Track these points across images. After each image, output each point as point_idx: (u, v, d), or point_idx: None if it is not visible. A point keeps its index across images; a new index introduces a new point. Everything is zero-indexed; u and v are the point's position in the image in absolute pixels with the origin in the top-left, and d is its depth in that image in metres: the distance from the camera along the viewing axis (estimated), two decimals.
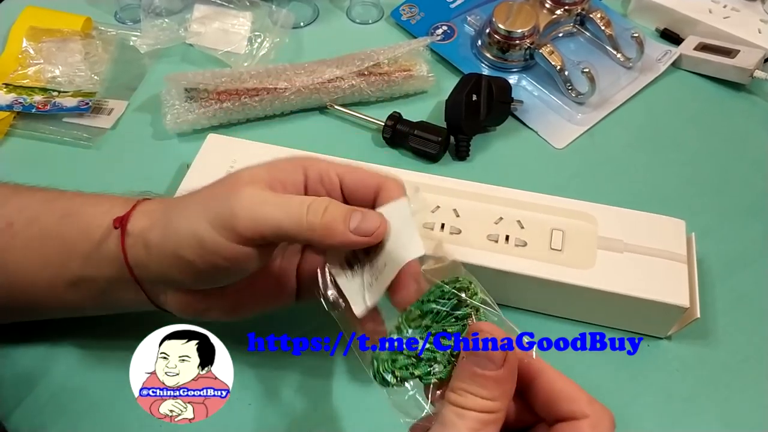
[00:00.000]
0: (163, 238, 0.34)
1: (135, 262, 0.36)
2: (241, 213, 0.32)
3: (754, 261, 0.51)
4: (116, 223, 0.36)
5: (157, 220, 0.35)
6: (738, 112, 0.62)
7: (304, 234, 0.32)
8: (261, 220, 0.32)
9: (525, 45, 0.62)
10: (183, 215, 0.34)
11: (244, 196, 0.33)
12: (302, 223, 0.32)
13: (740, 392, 0.44)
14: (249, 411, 0.42)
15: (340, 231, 0.32)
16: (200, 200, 0.35)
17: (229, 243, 0.33)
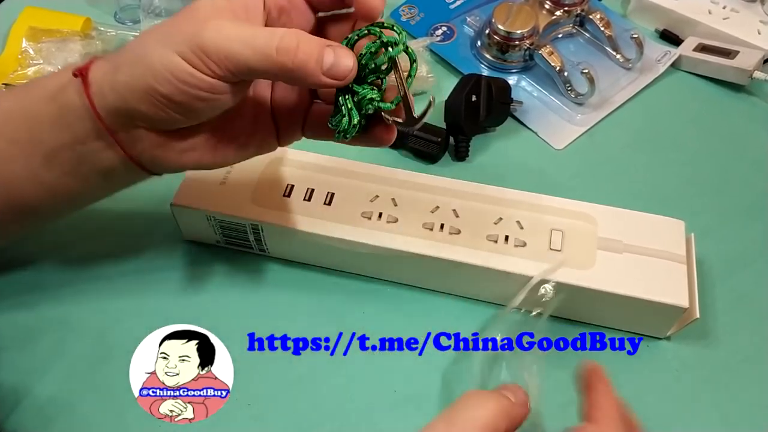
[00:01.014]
0: (132, 75, 0.33)
1: (103, 108, 0.34)
2: (210, 48, 0.31)
3: (754, 261, 0.51)
4: (75, 72, 0.34)
5: (121, 62, 0.34)
6: (737, 112, 0.62)
7: (276, 73, 0.32)
8: (231, 57, 0.31)
9: (524, 46, 0.62)
10: (151, 51, 0.32)
11: (210, 30, 0.31)
12: (273, 62, 0.31)
13: (740, 392, 0.44)
14: (249, 411, 0.42)
15: (312, 73, 0.32)
16: (164, 36, 0.33)
17: (203, 75, 0.32)
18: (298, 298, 0.48)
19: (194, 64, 0.31)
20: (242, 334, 0.45)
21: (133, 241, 0.50)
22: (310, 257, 0.49)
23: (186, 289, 0.48)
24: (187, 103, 0.33)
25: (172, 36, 0.32)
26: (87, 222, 0.51)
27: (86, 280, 0.48)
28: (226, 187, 0.47)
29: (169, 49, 0.31)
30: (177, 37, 0.32)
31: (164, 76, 0.32)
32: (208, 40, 0.31)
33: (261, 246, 0.48)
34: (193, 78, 0.32)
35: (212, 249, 0.50)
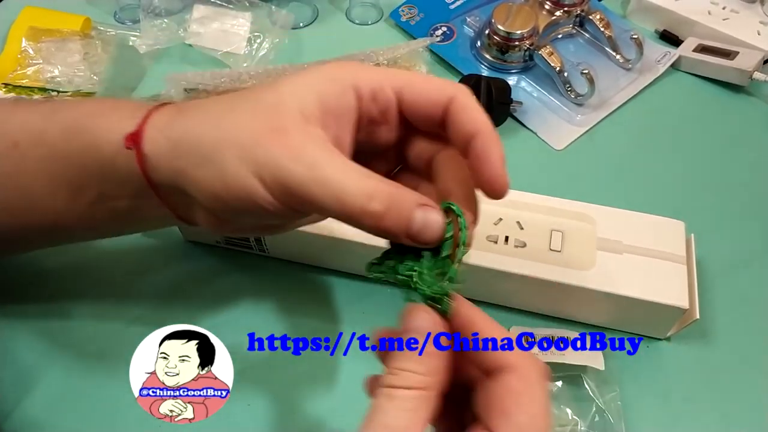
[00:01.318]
0: (198, 173, 0.31)
1: (159, 182, 0.32)
2: (296, 191, 0.28)
3: (754, 261, 0.51)
4: (128, 143, 0.32)
5: (187, 148, 0.31)
6: (737, 113, 0.62)
7: (356, 224, 0.29)
8: (314, 204, 0.29)
9: (524, 46, 0.62)
10: (226, 158, 0.30)
11: (299, 168, 0.28)
12: (356, 220, 0.29)
13: (740, 392, 0.44)
14: (249, 411, 0.42)
15: (394, 235, 0.29)
16: (243, 140, 0.30)
17: (280, 206, 0.30)
18: (298, 298, 0.48)
19: (273, 194, 0.29)
20: (242, 334, 0.45)
21: (133, 242, 0.50)
22: (310, 257, 0.49)
23: (186, 289, 0.48)
24: (252, 217, 0.31)
25: (253, 151, 0.29)
26: None
27: (86, 280, 0.48)
28: None
29: (249, 167, 0.29)
30: (260, 154, 0.29)
31: (236, 193, 0.30)
32: (295, 179, 0.28)
33: (261, 246, 0.48)
34: (268, 205, 0.30)
35: (212, 249, 0.50)
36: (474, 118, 0.31)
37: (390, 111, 0.32)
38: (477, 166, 0.30)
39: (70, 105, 0.36)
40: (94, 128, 0.34)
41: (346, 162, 0.29)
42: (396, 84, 0.31)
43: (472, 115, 0.31)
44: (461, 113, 0.31)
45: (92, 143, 0.34)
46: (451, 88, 0.31)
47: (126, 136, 0.32)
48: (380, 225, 0.28)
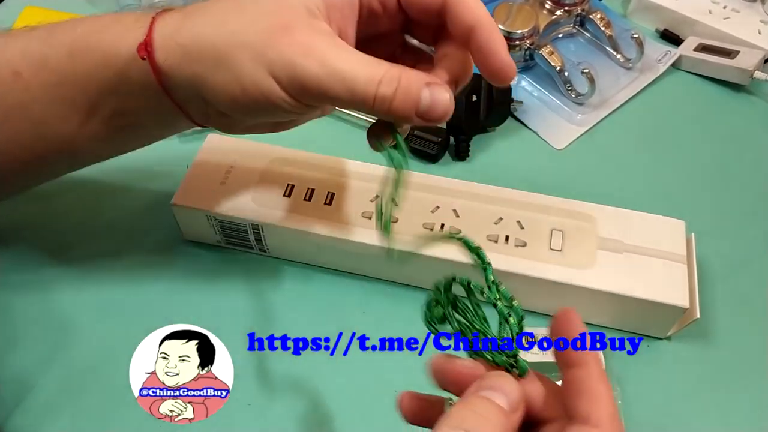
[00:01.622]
0: (214, 77, 0.31)
1: (172, 87, 0.33)
2: (311, 85, 0.30)
3: (754, 261, 0.51)
4: (141, 53, 0.32)
5: (200, 52, 0.31)
6: (738, 112, 0.62)
7: (368, 109, 0.31)
8: (329, 95, 0.30)
9: (525, 45, 0.62)
10: (240, 61, 0.31)
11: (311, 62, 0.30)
12: (369, 106, 0.30)
13: (740, 392, 0.44)
14: (249, 411, 0.42)
15: (406, 116, 0.31)
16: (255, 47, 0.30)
17: (297, 103, 0.31)
18: (298, 298, 0.48)
19: (289, 92, 0.31)
20: (242, 334, 0.45)
21: (133, 241, 0.50)
22: (310, 257, 0.49)
23: (186, 289, 0.48)
24: (268, 115, 0.33)
25: (265, 52, 0.30)
26: (88, 222, 0.51)
27: (87, 280, 0.48)
28: (226, 187, 0.47)
29: (263, 68, 0.30)
30: (273, 55, 0.30)
31: (254, 95, 0.31)
32: (309, 74, 0.30)
33: (261, 246, 0.48)
34: (284, 103, 0.31)
35: (212, 249, 0.50)
36: (472, 10, 0.32)
37: (389, 3, 0.33)
38: (482, 57, 0.32)
39: (67, 26, 0.36)
40: (100, 44, 0.34)
41: (353, 52, 0.31)
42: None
43: (470, 7, 0.32)
44: (459, 5, 0.32)
45: (100, 60, 0.34)
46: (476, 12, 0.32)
47: (138, 47, 0.32)
48: (391, 108, 0.30)
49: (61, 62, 0.34)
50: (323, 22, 0.31)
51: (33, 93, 0.35)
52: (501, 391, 0.27)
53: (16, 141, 0.36)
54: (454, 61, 0.33)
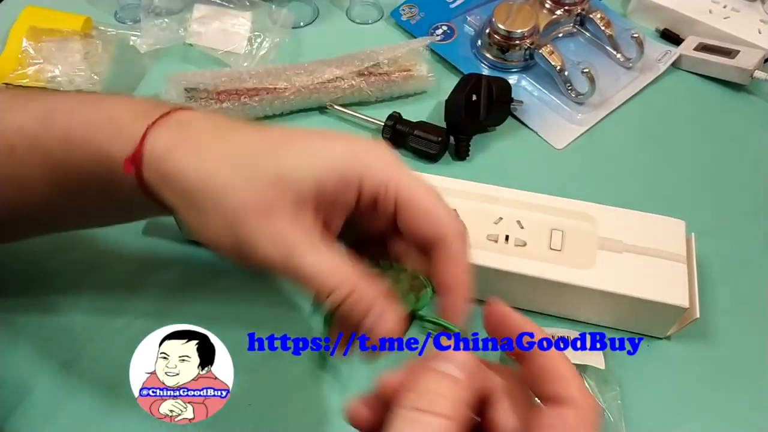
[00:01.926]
0: (190, 216, 0.32)
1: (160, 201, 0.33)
2: (270, 267, 0.31)
3: (754, 261, 0.51)
4: (127, 169, 0.32)
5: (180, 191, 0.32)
6: (738, 112, 0.62)
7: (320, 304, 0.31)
8: (288, 279, 0.31)
9: (525, 45, 0.62)
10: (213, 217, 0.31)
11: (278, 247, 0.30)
12: (321, 301, 0.31)
13: (740, 392, 0.44)
14: (249, 411, 0.42)
15: (349, 324, 0.31)
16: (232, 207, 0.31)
17: (252, 269, 0.33)
18: (298, 298, 0.48)
19: (247, 264, 0.31)
20: (242, 334, 0.45)
21: (133, 241, 0.50)
22: None
23: (186, 289, 0.48)
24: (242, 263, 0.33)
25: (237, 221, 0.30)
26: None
27: (87, 280, 0.48)
28: None
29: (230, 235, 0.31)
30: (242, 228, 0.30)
31: (216, 246, 0.32)
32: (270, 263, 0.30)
33: None
34: (241, 265, 0.32)
35: None
36: (456, 273, 0.32)
37: (385, 215, 0.32)
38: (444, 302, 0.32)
39: (64, 112, 0.36)
40: (92, 144, 0.34)
41: (323, 251, 0.30)
42: (402, 194, 0.31)
43: (455, 269, 0.32)
44: (445, 263, 0.32)
45: (92, 158, 0.34)
46: (444, 228, 0.31)
47: (125, 161, 0.32)
48: (340, 312, 0.30)
49: (55, 148, 0.35)
50: (307, 214, 0.31)
51: (26, 169, 0.36)
52: (450, 359, 0.27)
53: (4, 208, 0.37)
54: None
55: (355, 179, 0.31)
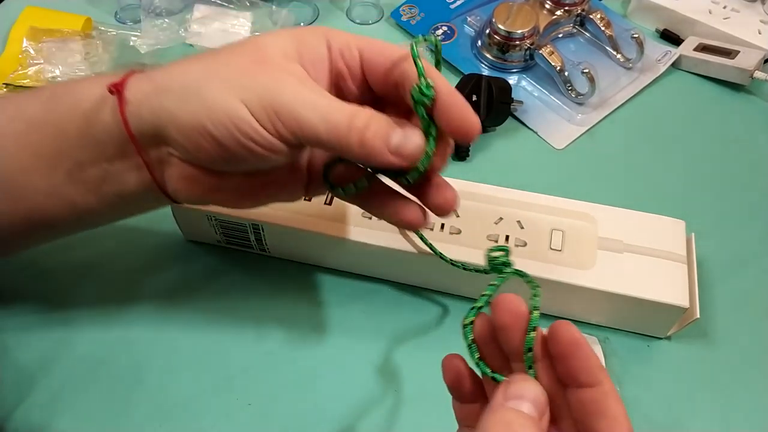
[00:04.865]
0: (182, 107, 0.31)
1: (138, 129, 0.32)
2: (283, 111, 0.30)
3: (754, 261, 0.51)
4: (111, 88, 0.32)
5: (168, 86, 0.32)
6: (738, 112, 0.62)
7: (341, 148, 0.30)
8: (302, 126, 0.30)
9: (525, 45, 0.62)
10: (210, 89, 0.30)
11: (287, 90, 0.30)
12: (342, 138, 0.30)
13: (740, 392, 0.44)
14: (249, 411, 0.42)
15: (379, 151, 0.30)
16: (228, 77, 0.31)
17: (267, 133, 0.30)
18: (298, 298, 0.48)
19: (261, 120, 0.30)
20: (243, 334, 0.45)
21: (133, 241, 0.50)
22: (311, 257, 0.49)
23: (186, 289, 0.48)
24: (237, 154, 0.31)
25: (238, 80, 0.30)
26: None
27: (87, 279, 0.48)
28: None
29: (234, 95, 0.30)
30: (245, 82, 0.30)
31: (222, 122, 0.30)
32: (284, 101, 0.30)
33: (262, 246, 0.48)
34: (255, 133, 0.30)
35: (212, 249, 0.50)
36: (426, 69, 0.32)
37: (354, 68, 0.34)
38: (445, 115, 0.32)
39: (56, 83, 0.37)
40: (75, 89, 0.35)
41: (326, 91, 0.31)
42: (360, 44, 0.34)
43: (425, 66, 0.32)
44: (413, 67, 0.32)
45: (71, 105, 0.34)
46: (404, 50, 0.33)
47: (109, 85, 0.32)
48: (364, 139, 0.30)
49: (35, 111, 0.35)
50: (298, 66, 0.32)
51: (3, 143, 0.35)
52: (527, 399, 0.27)
53: None
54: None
55: (321, 34, 0.33)
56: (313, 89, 0.31)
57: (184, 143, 0.31)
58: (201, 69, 0.32)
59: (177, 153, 0.32)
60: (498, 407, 0.27)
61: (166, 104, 0.31)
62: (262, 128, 0.30)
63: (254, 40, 0.32)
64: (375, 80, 0.34)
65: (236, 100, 0.30)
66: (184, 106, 0.31)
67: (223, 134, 0.30)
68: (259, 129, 0.30)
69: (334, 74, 0.34)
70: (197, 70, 0.32)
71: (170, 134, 0.32)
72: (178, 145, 0.32)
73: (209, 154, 0.31)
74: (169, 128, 0.31)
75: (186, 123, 0.31)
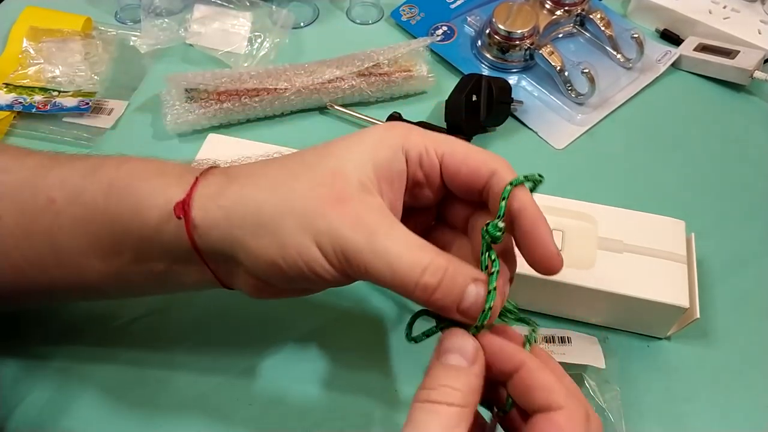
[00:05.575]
0: (254, 240, 0.31)
1: (206, 247, 0.32)
2: (353, 258, 0.29)
3: (754, 261, 0.51)
4: (178, 212, 0.32)
5: (243, 218, 0.31)
6: (738, 112, 0.62)
7: (409, 295, 0.29)
8: (369, 271, 0.29)
9: (525, 45, 0.62)
10: (284, 226, 0.30)
11: (358, 237, 0.29)
12: (411, 286, 0.29)
13: (740, 392, 0.44)
14: (249, 411, 0.42)
15: (446, 307, 0.29)
16: (304, 207, 0.30)
17: (335, 271, 0.30)
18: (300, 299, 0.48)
19: (331, 261, 0.30)
20: (243, 334, 0.45)
21: None
22: None
23: None
24: (305, 284, 0.32)
25: (314, 220, 0.30)
26: None
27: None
28: None
29: (309, 237, 0.30)
30: (321, 224, 0.30)
31: (294, 260, 0.30)
32: (355, 248, 0.29)
33: None
34: (324, 271, 0.30)
35: None
36: (517, 195, 0.31)
37: (433, 174, 0.33)
38: (527, 244, 0.31)
39: (111, 164, 0.36)
40: (138, 192, 0.34)
41: (404, 232, 0.30)
42: (440, 150, 0.32)
43: (516, 191, 0.31)
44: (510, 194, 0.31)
45: (134, 208, 0.33)
46: (492, 162, 0.32)
47: (175, 205, 0.32)
48: (431, 298, 0.29)
49: (96, 199, 0.34)
50: (376, 196, 0.31)
51: (61, 221, 0.35)
52: (456, 351, 0.29)
53: (37, 264, 0.36)
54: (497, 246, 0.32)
55: (399, 145, 0.32)
56: (387, 231, 0.30)
57: (253, 269, 0.32)
58: (275, 198, 0.31)
59: (243, 269, 0.33)
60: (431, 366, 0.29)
61: (237, 237, 0.31)
62: (332, 267, 0.30)
63: (331, 161, 0.31)
64: (454, 187, 0.33)
65: (310, 241, 0.30)
66: (257, 241, 0.31)
67: (293, 271, 0.30)
68: (329, 268, 0.30)
69: (411, 184, 0.33)
70: (270, 198, 0.31)
71: (240, 260, 0.32)
72: (247, 269, 0.32)
73: (276, 279, 0.32)
74: (240, 255, 0.31)
75: (258, 257, 0.31)
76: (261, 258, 0.31)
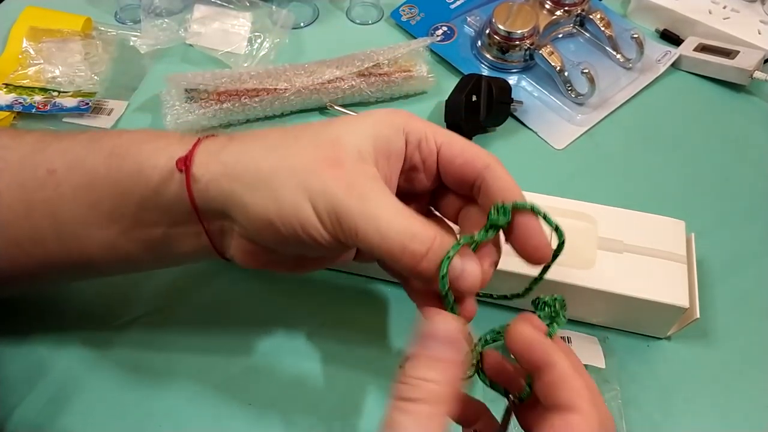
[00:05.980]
0: (251, 197, 0.31)
1: (204, 204, 0.33)
2: (345, 220, 0.30)
3: (754, 261, 0.51)
4: (180, 165, 0.32)
5: (241, 173, 0.32)
6: (737, 112, 0.62)
7: (396, 262, 0.30)
8: (360, 236, 0.29)
9: (525, 46, 0.62)
10: (282, 183, 0.31)
11: (353, 200, 0.30)
12: (398, 253, 0.29)
13: (740, 392, 0.44)
14: (249, 411, 0.42)
15: (432, 277, 0.30)
16: (300, 166, 0.31)
17: (327, 235, 0.31)
18: (299, 298, 0.48)
19: (324, 223, 0.30)
20: (243, 334, 0.45)
21: None
22: None
23: (187, 289, 0.48)
24: (296, 244, 0.32)
25: (310, 179, 0.30)
26: None
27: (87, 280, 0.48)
28: None
29: (303, 196, 0.30)
30: (315, 185, 0.30)
31: (289, 220, 0.31)
32: (348, 211, 0.30)
33: None
34: (317, 233, 0.31)
35: None
36: (508, 189, 0.33)
37: (430, 161, 0.34)
38: (518, 235, 0.33)
39: (112, 133, 0.36)
40: (139, 153, 0.34)
41: (395, 201, 0.31)
42: (439, 139, 0.34)
43: (506, 185, 0.33)
44: (496, 182, 0.33)
45: (136, 168, 0.34)
46: (486, 157, 0.33)
47: (178, 159, 0.33)
48: (418, 266, 0.29)
49: (97, 165, 0.35)
50: (372, 167, 0.31)
51: (62, 191, 0.35)
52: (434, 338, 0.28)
53: (34, 238, 0.36)
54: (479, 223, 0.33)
55: (400, 126, 0.33)
56: (379, 198, 0.30)
57: (247, 227, 0.32)
58: (274, 156, 0.32)
59: (238, 229, 0.33)
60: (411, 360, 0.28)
61: (236, 191, 0.32)
62: (324, 230, 0.31)
63: (333, 130, 0.32)
64: (449, 177, 0.34)
65: (305, 199, 0.30)
66: (254, 196, 0.31)
67: (287, 229, 0.31)
68: (321, 230, 0.31)
69: (408, 166, 0.34)
70: (270, 155, 0.32)
71: (236, 216, 0.32)
72: (241, 226, 0.33)
73: (269, 239, 0.32)
74: (236, 212, 0.32)
75: (253, 213, 0.31)
76: (256, 215, 0.31)
